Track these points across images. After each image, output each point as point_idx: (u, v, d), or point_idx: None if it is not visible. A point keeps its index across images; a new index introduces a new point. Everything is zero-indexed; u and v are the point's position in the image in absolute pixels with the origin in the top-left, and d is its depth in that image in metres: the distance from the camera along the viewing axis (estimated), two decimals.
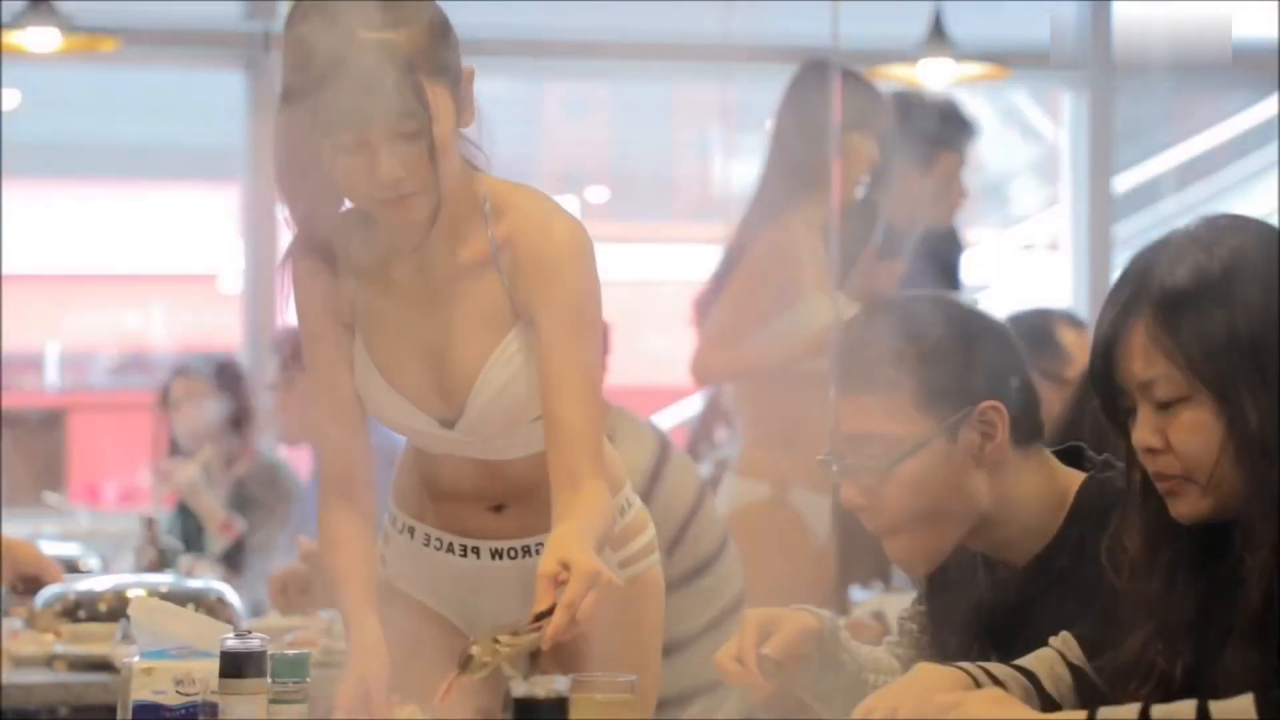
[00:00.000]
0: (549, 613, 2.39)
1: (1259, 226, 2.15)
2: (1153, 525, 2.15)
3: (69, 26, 5.60)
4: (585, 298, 2.65)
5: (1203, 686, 2.03)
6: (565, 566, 2.42)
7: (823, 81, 4.79)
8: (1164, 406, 2.09)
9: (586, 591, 2.40)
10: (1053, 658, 2.25)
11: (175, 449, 5.68)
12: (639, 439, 4.08)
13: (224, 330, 7.61)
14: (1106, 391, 2.14)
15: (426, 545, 2.82)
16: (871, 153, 4.82)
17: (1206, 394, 2.07)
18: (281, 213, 2.68)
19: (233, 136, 6.99)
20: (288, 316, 2.76)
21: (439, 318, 2.69)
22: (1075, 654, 2.25)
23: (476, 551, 2.79)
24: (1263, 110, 8.29)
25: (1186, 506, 2.10)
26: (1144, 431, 2.11)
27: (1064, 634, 2.27)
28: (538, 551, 2.74)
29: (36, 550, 3.55)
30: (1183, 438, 2.08)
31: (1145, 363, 2.10)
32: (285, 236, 2.74)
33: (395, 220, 2.62)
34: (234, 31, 6.81)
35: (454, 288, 2.68)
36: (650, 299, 8.98)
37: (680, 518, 4.10)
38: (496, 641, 2.35)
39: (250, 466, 5.65)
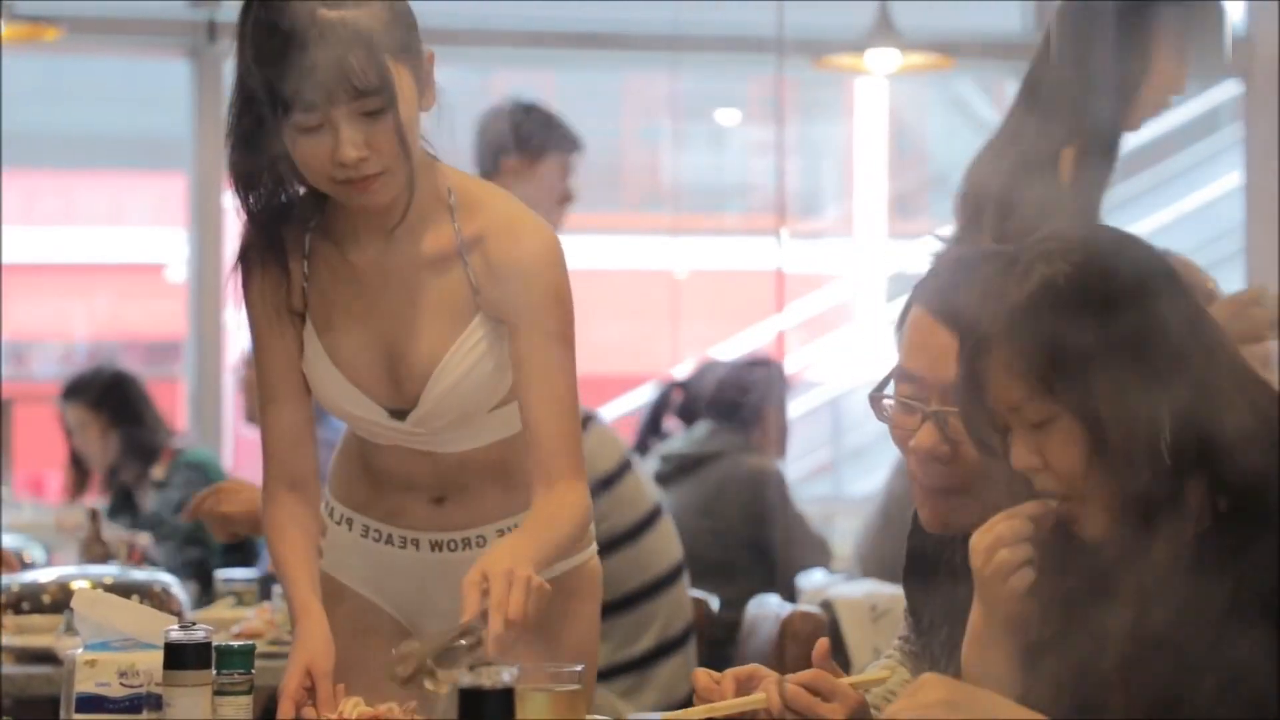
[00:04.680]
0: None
1: (1102, 234, 2.13)
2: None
3: (11, 15, 5.56)
4: (561, 304, 2.65)
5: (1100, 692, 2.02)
6: (485, 576, 2.43)
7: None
8: (1036, 426, 2.06)
9: (509, 590, 2.42)
10: None
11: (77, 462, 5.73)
12: (604, 446, 4.10)
13: (170, 319, 7.58)
14: (976, 417, 2.12)
15: (365, 537, 2.81)
16: (1177, 75, 4.16)
17: (1066, 411, 2.04)
18: (233, 202, 2.67)
19: (177, 126, 6.96)
20: (238, 304, 2.74)
21: (397, 306, 2.68)
22: None
23: (416, 543, 2.79)
24: (1207, 100, 8.32)
25: (1090, 529, 2.07)
26: (1020, 453, 2.08)
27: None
28: (479, 544, 2.75)
29: None
30: (1056, 455, 2.06)
31: (1006, 388, 2.07)
32: (232, 225, 2.72)
33: (359, 202, 2.60)
34: (178, 20, 6.77)
35: (415, 277, 2.67)
36: (598, 288, 8.98)
37: (623, 532, 4.13)
38: (433, 673, 2.36)
39: (169, 469, 5.63)
